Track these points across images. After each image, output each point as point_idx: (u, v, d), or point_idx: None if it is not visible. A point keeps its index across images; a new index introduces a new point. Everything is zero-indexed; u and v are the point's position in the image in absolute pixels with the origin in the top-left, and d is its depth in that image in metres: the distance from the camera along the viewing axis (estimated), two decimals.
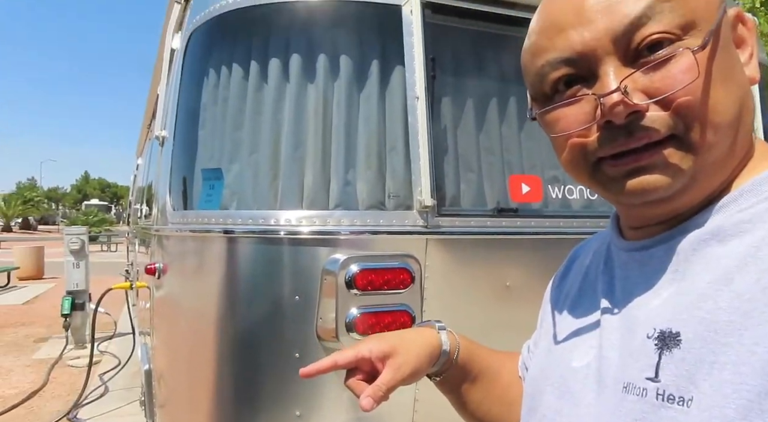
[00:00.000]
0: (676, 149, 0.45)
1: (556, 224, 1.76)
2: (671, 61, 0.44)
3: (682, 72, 0.43)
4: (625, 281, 0.53)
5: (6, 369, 4.93)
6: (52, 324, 6.64)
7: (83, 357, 4.83)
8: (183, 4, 2.05)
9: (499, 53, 1.86)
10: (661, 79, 0.44)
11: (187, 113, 1.88)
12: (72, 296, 5.30)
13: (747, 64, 0.49)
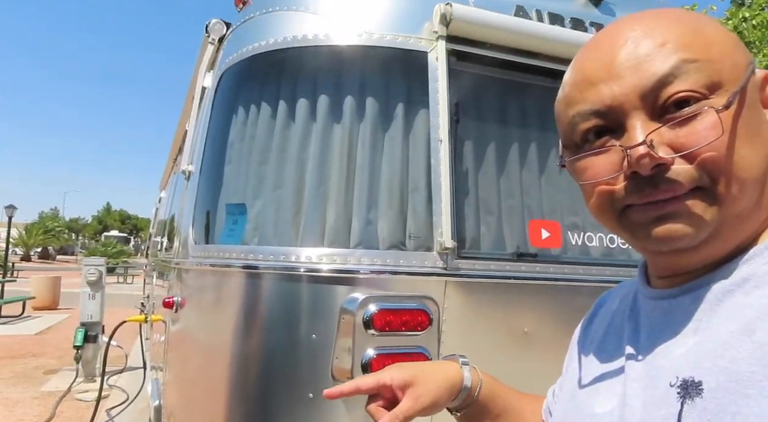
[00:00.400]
0: (700, 201, 0.46)
1: (575, 271, 1.74)
2: (696, 119, 0.46)
3: (706, 129, 0.45)
4: (651, 328, 0.53)
5: (13, 400, 4.90)
6: (64, 356, 6.62)
7: (92, 390, 4.80)
8: (216, 45, 2.14)
9: (521, 100, 1.89)
10: (686, 135, 0.46)
11: (215, 149, 1.93)
12: (85, 328, 5.32)
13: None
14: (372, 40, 1.71)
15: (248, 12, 2.00)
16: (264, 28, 1.86)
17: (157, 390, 2.68)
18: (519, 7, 1.84)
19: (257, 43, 1.82)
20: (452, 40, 1.70)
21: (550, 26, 1.83)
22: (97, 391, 3.89)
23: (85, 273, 5.61)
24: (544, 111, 1.91)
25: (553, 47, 1.79)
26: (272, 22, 1.85)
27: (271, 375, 1.57)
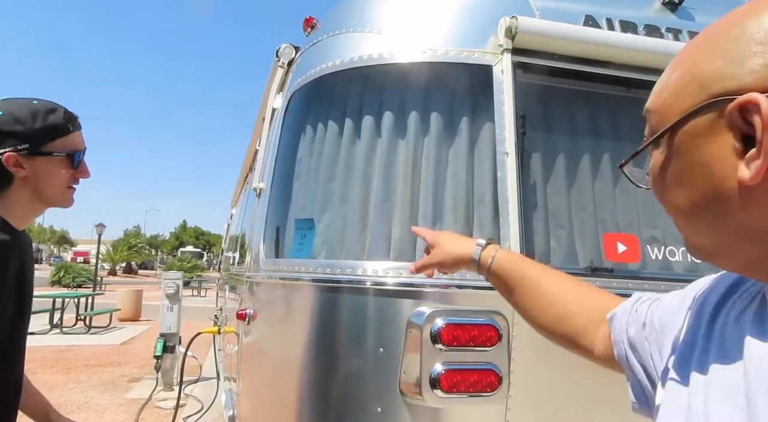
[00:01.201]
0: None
1: (656, 287, 1.65)
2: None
3: (650, 167, 0.56)
4: None
5: (103, 406, 5.24)
6: (145, 365, 7.02)
7: (170, 399, 5.04)
8: (285, 68, 2.24)
9: (591, 110, 1.84)
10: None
11: (284, 167, 2.01)
12: (164, 339, 5.61)
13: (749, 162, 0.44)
14: (436, 57, 1.73)
15: (316, 36, 2.08)
16: (331, 50, 1.92)
17: (231, 400, 2.78)
18: (588, 16, 1.79)
19: (324, 65, 1.89)
20: (518, 53, 1.69)
21: (621, 34, 1.77)
22: (175, 399, 4.08)
23: (164, 287, 5.94)
24: (617, 120, 1.84)
25: (624, 55, 1.73)
26: (338, 44, 1.91)
27: (339, 387, 1.59)
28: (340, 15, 2.01)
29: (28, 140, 1.22)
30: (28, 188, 1.26)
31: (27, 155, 1.22)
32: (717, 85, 0.47)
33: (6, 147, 1.21)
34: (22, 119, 1.22)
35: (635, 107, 1.89)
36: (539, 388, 1.56)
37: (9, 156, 1.20)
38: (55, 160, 1.26)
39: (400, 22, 1.83)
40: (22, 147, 1.22)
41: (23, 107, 1.24)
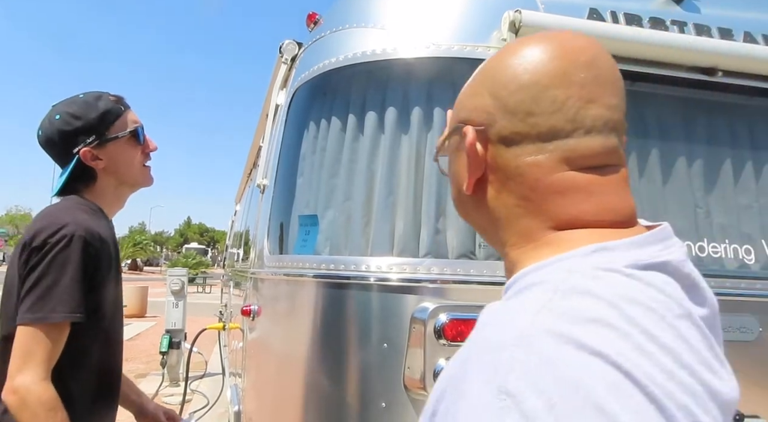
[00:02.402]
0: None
1: None
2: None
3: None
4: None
5: None
6: (151, 361, 7.07)
7: (176, 394, 5.08)
8: (289, 64, 2.24)
9: None
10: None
11: (288, 163, 2.01)
12: (170, 335, 5.64)
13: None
14: (439, 52, 1.72)
15: (319, 31, 2.08)
16: (334, 45, 1.92)
17: (237, 395, 2.80)
18: (592, 9, 1.78)
19: (327, 61, 1.89)
20: None
21: (626, 27, 1.76)
22: (181, 395, 4.10)
23: (169, 283, 5.97)
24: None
25: (629, 48, 1.72)
26: (341, 39, 1.91)
27: (343, 383, 1.60)
28: (343, 10, 2.01)
29: (93, 131, 1.26)
30: (111, 177, 1.31)
31: (98, 146, 1.26)
32: (461, 113, 0.61)
33: (78, 146, 1.25)
34: (79, 114, 1.26)
35: (639, 101, 1.89)
36: None
37: (84, 152, 1.25)
38: (123, 141, 1.31)
39: (403, 17, 1.83)
40: (90, 140, 1.26)
41: (74, 104, 1.28)
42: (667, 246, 0.50)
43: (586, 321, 0.41)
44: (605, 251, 0.47)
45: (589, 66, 0.53)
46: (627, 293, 0.44)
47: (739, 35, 1.87)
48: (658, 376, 0.39)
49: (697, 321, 0.46)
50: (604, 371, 0.38)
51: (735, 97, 1.89)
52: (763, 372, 1.67)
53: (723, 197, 1.83)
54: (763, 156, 1.90)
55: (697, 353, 0.43)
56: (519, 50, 0.55)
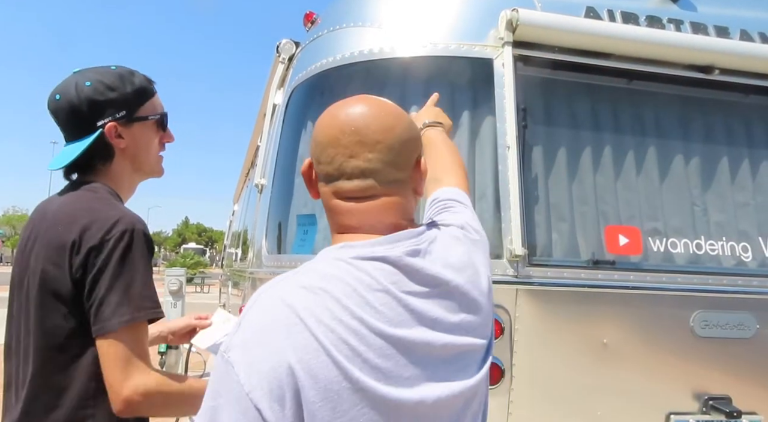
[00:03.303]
0: None
1: (658, 279, 1.65)
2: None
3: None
4: None
5: None
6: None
7: None
8: (286, 64, 2.23)
9: (592, 103, 1.83)
10: None
11: (286, 162, 2.01)
12: None
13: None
14: (437, 51, 1.72)
15: (316, 31, 2.08)
16: (331, 45, 1.92)
17: None
18: (589, 8, 1.79)
19: (325, 60, 1.89)
20: (518, 46, 1.68)
21: (623, 25, 1.76)
22: None
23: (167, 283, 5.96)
24: (618, 112, 1.84)
25: (626, 47, 1.73)
26: (339, 38, 1.91)
27: None
28: (340, 10, 2.00)
29: (124, 106, 1.16)
30: (127, 160, 1.20)
31: (124, 123, 1.16)
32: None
33: (105, 118, 1.14)
34: (113, 85, 1.15)
35: (637, 99, 1.90)
36: (542, 380, 1.57)
37: (110, 126, 1.14)
38: (149, 125, 1.21)
39: (400, 16, 1.83)
40: (120, 115, 1.16)
41: (108, 74, 1.17)
42: (392, 246, 0.73)
43: (298, 287, 0.69)
44: (346, 248, 0.73)
45: (354, 134, 0.76)
46: (335, 272, 0.70)
47: (735, 33, 1.88)
48: (330, 323, 0.65)
49: (395, 293, 0.69)
50: (287, 316, 0.66)
51: (732, 95, 1.90)
52: (760, 369, 1.68)
53: (720, 195, 1.84)
54: (759, 154, 1.90)
55: (382, 313, 0.67)
56: (321, 118, 0.81)
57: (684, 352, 1.64)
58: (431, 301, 0.72)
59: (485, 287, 0.79)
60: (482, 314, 0.77)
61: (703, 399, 1.62)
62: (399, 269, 0.71)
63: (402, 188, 0.80)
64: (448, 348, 0.70)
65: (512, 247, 1.54)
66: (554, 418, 1.58)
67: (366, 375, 0.64)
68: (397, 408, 0.65)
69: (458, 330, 0.72)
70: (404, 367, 0.67)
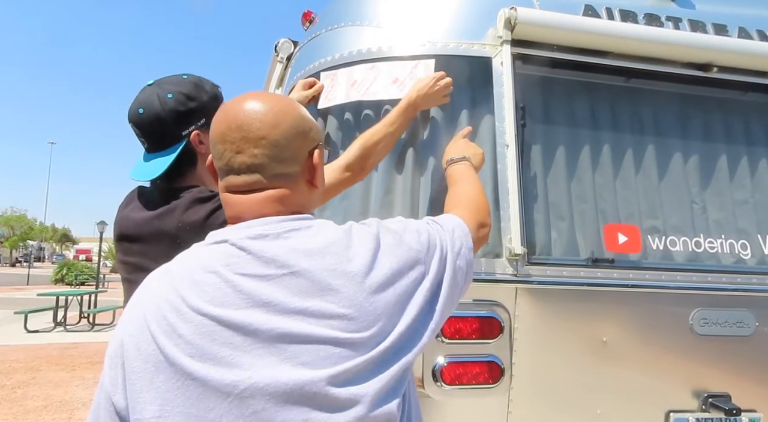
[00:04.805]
0: None
1: (657, 277, 1.65)
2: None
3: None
4: None
5: None
6: None
7: None
8: (284, 63, 2.23)
9: (591, 101, 1.83)
10: None
11: None
12: None
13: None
14: (435, 49, 1.72)
15: (314, 30, 2.07)
16: (329, 44, 1.92)
17: None
18: (588, 6, 1.78)
19: (323, 59, 1.88)
20: (517, 44, 1.68)
21: (621, 23, 1.76)
22: None
23: None
24: (617, 111, 1.84)
25: (624, 45, 1.73)
26: (337, 37, 1.90)
27: None
28: (338, 9, 2.00)
29: (204, 113, 1.22)
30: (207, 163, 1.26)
31: (204, 129, 1.22)
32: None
33: (189, 127, 1.21)
34: (192, 95, 1.22)
35: (635, 97, 1.90)
36: (541, 379, 1.57)
37: (195, 135, 1.22)
38: None
39: (399, 15, 1.82)
40: (201, 123, 1.23)
41: (185, 84, 1.23)
42: (240, 230, 0.77)
43: (159, 271, 0.78)
44: (211, 235, 0.80)
45: (238, 129, 0.79)
46: (185, 256, 0.78)
47: (733, 31, 1.88)
48: (157, 301, 0.72)
49: (224, 274, 0.71)
50: (137, 295, 0.76)
51: (730, 93, 1.90)
52: (760, 367, 1.68)
53: (719, 193, 1.84)
54: (758, 151, 1.90)
55: (206, 292, 0.70)
56: (216, 115, 0.84)
57: (683, 350, 1.64)
58: (269, 283, 0.70)
59: (358, 277, 0.72)
60: (348, 306, 0.70)
61: (702, 397, 1.63)
62: (240, 251, 0.73)
63: (290, 181, 0.82)
64: (279, 332, 0.68)
65: (511, 246, 1.53)
66: (554, 417, 1.58)
67: (180, 351, 0.67)
68: (205, 386, 0.65)
69: (300, 317, 0.69)
70: (222, 346, 0.67)
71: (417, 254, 0.80)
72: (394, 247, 0.79)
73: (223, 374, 0.65)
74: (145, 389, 0.67)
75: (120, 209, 1.30)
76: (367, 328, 0.71)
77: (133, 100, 1.24)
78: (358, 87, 1.72)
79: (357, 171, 1.45)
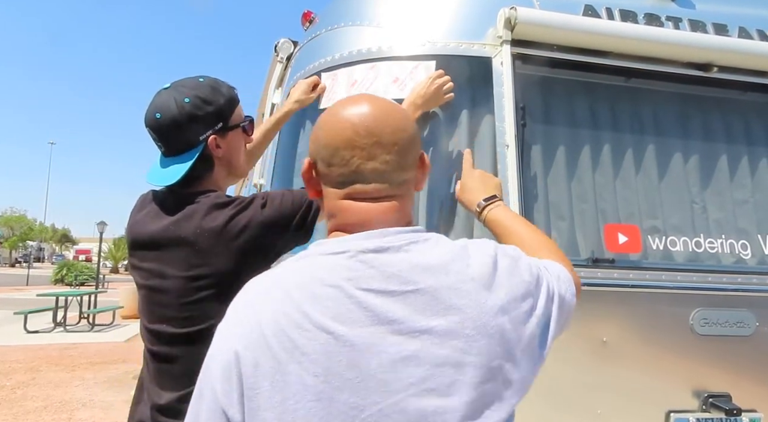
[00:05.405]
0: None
1: (657, 277, 1.65)
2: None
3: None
4: None
5: (108, 403, 5.26)
6: None
7: None
8: (284, 63, 2.23)
9: (591, 101, 1.83)
10: None
11: (284, 162, 2.00)
12: None
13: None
14: (435, 49, 1.72)
15: (314, 30, 2.07)
16: (329, 44, 1.92)
17: None
18: (588, 6, 1.78)
19: (323, 59, 1.88)
20: (517, 44, 1.68)
21: (621, 23, 1.76)
22: None
23: None
24: (617, 111, 1.84)
25: (624, 45, 1.73)
26: (337, 37, 1.90)
27: None
28: (338, 9, 2.00)
29: (221, 117, 1.22)
30: (223, 167, 1.27)
31: (220, 133, 1.22)
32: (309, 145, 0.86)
33: (207, 131, 1.20)
34: (209, 99, 1.21)
35: (635, 97, 1.90)
36: (542, 379, 1.56)
37: (212, 139, 1.21)
38: (239, 131, 1.28)
39: (398, 14, 1.82)
40: (218, 127, 1.22)
41: (202, 87, 1.22)
42: (361, 242, 0.72)
43: (262, 281, 0.74)
44: (319, 245, 0.76)
45: (370, 135, 0.75)
46: (295, 267, 0.73)
47: (734, 31, 1.88)
48: (276, 315, 0.67)
49: (347, 288, 0.67)
50: (245, 307, 0.72)
51: (730, 93, 1.90)
52: (760, 367, 1.68)
53: (719, 193, 1.84)
54: (758, 151, 1.90)
55: (329, 308, 0.66)
56: (327, 119, 0.79)
57: (684, 350, 1.64)
58: (393, 300, 0.67)
59: (481, 297, 0.70)
60: (472, 327, 0.67)
61: (702, 397, 1.62)
62: (361, 264, 0.70)
63: (408, 188, 0.80)
64: (406, 354, 0.65)
65: None
66: (554, 416, 1.57)
67: (303, 369, 0.64)
68: (329, 408, 0.62)
69: (426, 337, 0.66)
70: (348, 368, 0.64)
71: (528, 286, 0.77)
72: (510, 272, 0.76)
73: (348, 397, 0.63)
74: (263, 406, 0.64)
75: (133, 214, 1.28)
76: (487, 353, 0.68)
77: (150, 104, 1.22)
78: (359, 87, 1.73)
79: None
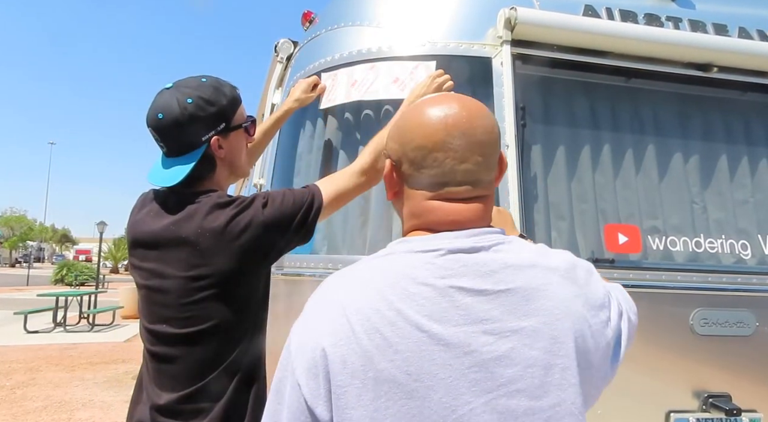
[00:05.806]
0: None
1: (657, 278, 1.65)
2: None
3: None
4: None
5: (108, 403, 5.26)
6: None
7: None
8: (284, 64, 2.23)
9: (591, 101, 1.83)
10: None
11: (284, 162, 2.00)
12: None
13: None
14: (435, 49, 1.72)
15: (314, 30, 2.07)
16: (329, 44, 1.92)
17: None
18: (588, 6, 1.78)
19: (323, 59, 1.88)
20: (517, 44, 1.68)
21: (621, 24, 1.76)
22: None
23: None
24: (617, 111, 1.84)
25: (624, 45, 1.73)
26: (337, 38, 1.90)
27: None
28: (338, 9, 2.00)
29: (223, 118, 1.21)
30: (226, 167, 1.26)
31: (223, 134, 1.21)
32: (387, 145, 0.83)
33: (209, 132, 1.20)
34: (212, 99, 1.20)
35: (635, 97, 1.89)
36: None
37: (215, 140, 1.20)
38: (241, 131, 1.27)
39: (399, 15, 1.82)
40: (221, 128, 1.21)
41: (204, 88, 1.21)
42: (448, 241, 0.72)
43: (347, 278, 0.73)
44: (403, 242, 0.75)
45: (463, 136, 0.74)
46: (383, 265, 0.72)
47: (734, 31, 1.88)
48: (367, 312, 0.66)
49: (440, 286, 0.67)
50: (331, 303, 0.70)
51: (730, 93, 1.90)
52: (760, 367, 1.68)
53: (719, 193, 1.84)
54: (758, 151, 1.90)
55: (422, 306, 0.66)
56: (415, 119, 0.78)
57: (684, 350, 1.64)
58: (485, 299, 0.67)
59: (566, 301, 0.70)
60: (559, 329, 0.68)
61: (702, 397, 1.62)
62: (455, 263, 0.69)
63: (492, 187, 0.79)
64: (498, 354, 0.65)
65: None
66: None
67: (396, 368, 0.63)
68: (421, 407, 0.62)
69: (516, 337, 0.66)
70: (441, 367, 0.63)
71: (603, 298, 0.77)
72: (587, 282, 0.76)
73: (441, 396, 0.62)
74: (352, 405, 0.63)
75: (134, 213, 1.28)
76: (572, 357, 0.68)
77: (152, 104, 1.21)
78: (359, 87, 1.73)
79: (372, 175, 1.39)
